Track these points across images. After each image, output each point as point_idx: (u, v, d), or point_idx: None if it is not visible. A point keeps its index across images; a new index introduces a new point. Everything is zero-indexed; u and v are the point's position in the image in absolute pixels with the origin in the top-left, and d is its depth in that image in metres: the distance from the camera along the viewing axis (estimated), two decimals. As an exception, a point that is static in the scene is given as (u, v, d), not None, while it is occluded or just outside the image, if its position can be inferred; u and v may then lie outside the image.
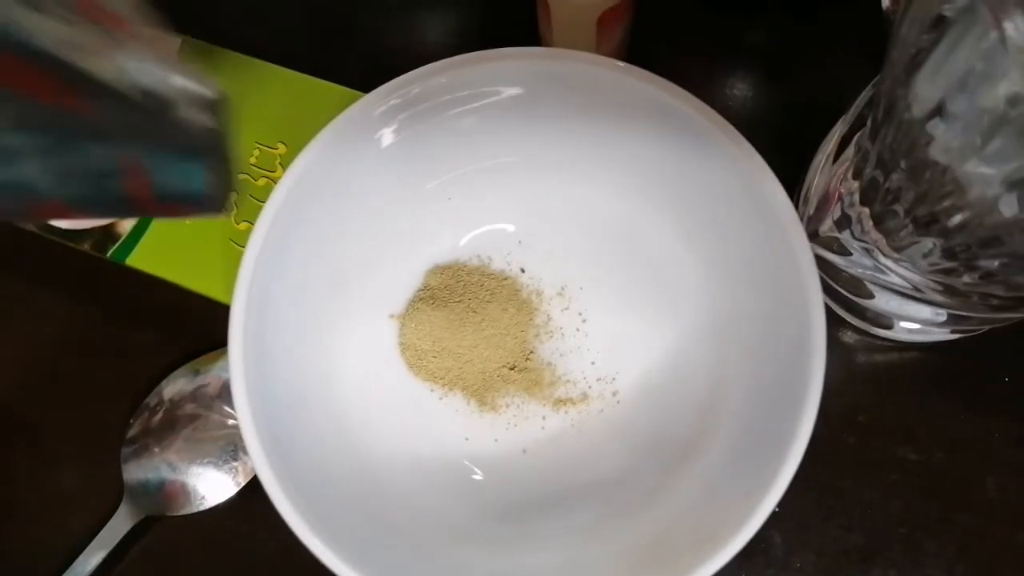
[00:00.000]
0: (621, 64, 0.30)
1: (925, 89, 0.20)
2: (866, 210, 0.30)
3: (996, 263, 0.24)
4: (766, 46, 0.41)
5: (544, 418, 0.34)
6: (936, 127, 0.20)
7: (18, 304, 0.39)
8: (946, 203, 0.23)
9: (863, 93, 0.32)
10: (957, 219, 0.23)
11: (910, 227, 0.26)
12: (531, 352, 0.35)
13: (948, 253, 0.26)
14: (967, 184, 0.21)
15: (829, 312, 0.36)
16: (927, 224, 0.25)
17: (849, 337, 0.37)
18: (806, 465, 0.34)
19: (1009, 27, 0.16)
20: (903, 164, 0.24)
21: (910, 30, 0.21)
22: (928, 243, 0.27)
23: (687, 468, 0.31)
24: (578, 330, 0.35)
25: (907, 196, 0.25)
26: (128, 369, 0.37)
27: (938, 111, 0.20)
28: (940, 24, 0.19)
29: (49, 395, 0.38)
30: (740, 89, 0.40)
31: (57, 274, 0.38)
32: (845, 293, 0.35)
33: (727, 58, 0.40)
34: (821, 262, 0.35)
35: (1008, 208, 0.20)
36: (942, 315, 0.33)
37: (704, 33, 0.41)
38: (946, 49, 0.19)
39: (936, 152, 0.21)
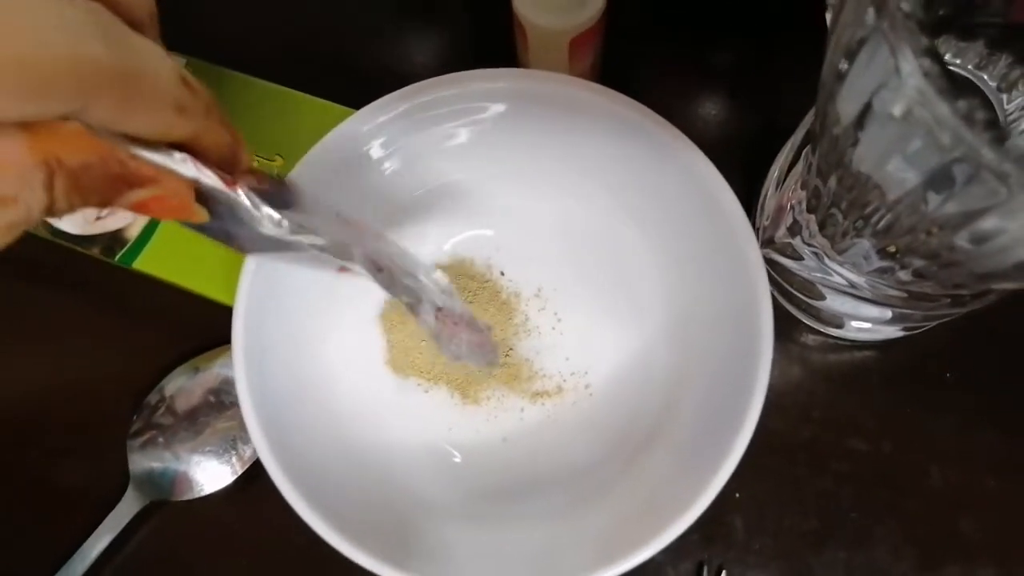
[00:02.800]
0: (590, 84, 0.33)
1: (846, 103, 0.23)
2: (812, 217, 0.33)
3: (921, 262, 0.27)
4: (729, 70, 0.43)
5: (522, 409, 0.37)
6: (856, 136, 0.23)
7: (30, 306, 0.41)
8: (872, 206, 0.26)
9: (810, 112, 0.35)
10: (883, 221, 0.26)
11: (848, 230, 0.29)
12: (510, 349, 0.37)
13: (882, 253, 0.29)
14: (886, 188, 0.24)
15: (785, 314, 0.39)
16: (860, 227, 0.28)
17: (804, 337, 0.39)
18: (765, 456, 0.37)
19: (901, 58, 0.19)
20: (835, 173, 0.27)
21: (835, 53, 0.24)
22: (864, 244, 0.30)
23: (651, 453, 0.33)
24: (554, 328, 0.38)
25: (841, 202, 0.28)
26: (133, 366, 0.39)
27: (859, 122, 0.23)
28: (859, 47, 0.22)
29: (58, 391, 0.40)
30: (704, 108, 0.43)
31: (67, 277, 0.41)
32: (799, 295, 0.38)
33: (693, 80, 0.43)
34: (777, 267, 0.38)
35: (932, 203, 0.23)
36: (888, 313, 0.36)
37: (672, 57, 0.43)
38: (860, 67, 0.22)
39: (858, 160, 0.24)
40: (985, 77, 0.32)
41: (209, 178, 0.21)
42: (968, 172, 0.20)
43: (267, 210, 0.23)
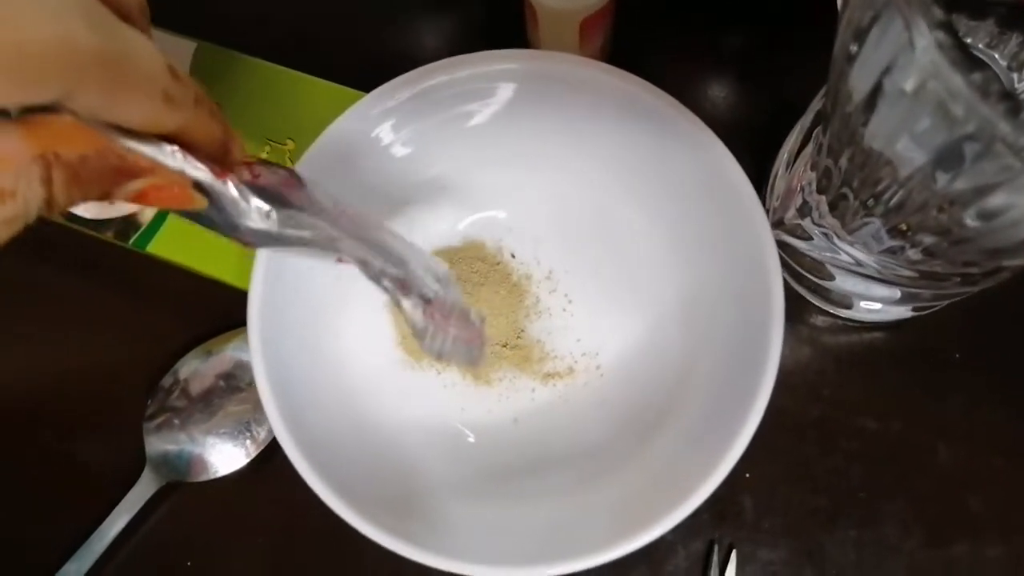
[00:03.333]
0: (602, 64, 0.33)
1: (858, 81, 0.23)
2: (822, 197, 0.33)
3: (931, 239, 0.27)
4: (739, 53, 0.43)
5: (534, 390, 0.37)
6: (868, 115, 0.23)
7: (46, 290, 0.41)
8: (884, 184, 0.26)
9: (819, 94, 0.35)
10: (895, 198, 0.26)
11: (859, 210, 0.30)
12: (522, 331, 0.38)
13: (892, 232, 0.29)
14: (899, 164, 0.24)
15: (795, 295, 0.39)
16: (871, 205, 0.28)
17: (814, 318, 0.40)
18: (774, 435, 0.38)
19: (915, 31, 0.20)
20: (847, 152, 0.27)
21: (846, 32, 0.24)
22: (875, 223, 0.30)
23: (661, 432, 0.34)
24: (564, 310, 0.38)
25: (853, 181, 0.28)
26: (147, 349, 0.40)
27: (870, 100, 0.23)
28: (871, 25, 0.22)
29: (74, 374, 0.40)
30: (714, 91, 0.43)
31: (82, 261, 0.41)
32: (809, 276, 0.38)
33: (705, 62, 0.43)
34: (786, 248, 0.38)
35: (941, 181, 0.23)
36: (897, 293, 0.36)
37: (682, 40, 0.43)
38: (872, 46, 0.22)
39: (870, 137, 0.24)
40: (996, 56, 0.32)
41: (197, 170, 0.21)
42: (979, 148, 0.20)
43: (256, 202, 0.23)
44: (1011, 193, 0.21)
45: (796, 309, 0.39)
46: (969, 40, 0.32)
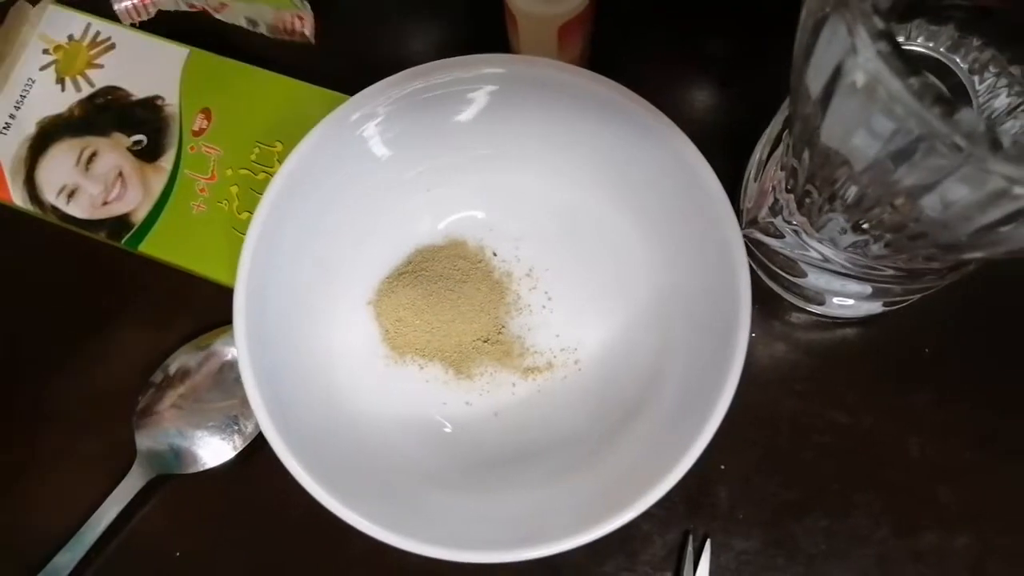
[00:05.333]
0: (576, 68, 0.35)
1: (813, 80, 0.24)
2: (791, 196, 0.34)
3: (890, 234, 0.28)
4: (718, 57, 0.44)
5: (514, 384, 0.38)
6: (823, 113, 0.25)
7: (40, 289, 0.42)
8: (840, 181, 0.27)
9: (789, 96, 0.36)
10: (852, 195, 0.27)
11: (823, 206, 0.31)
12: (503, 327, 0.39)
13: (855, 228, 0.30)
14: (854, 161, 0.25)
15: (770, 292, 0.40)
16: (832, 201, 0.29)
17: (788, 315, 0.41)
18: (749, 428, 0.39)
19: (857, 39, 0.21)
20: (808, 151, 0.28)
21: (803, 29, 0.25)
22: (839, 220, 0.31)
23: (635, 423, 0.35)
24: (544, 307, 0.39)
25: (816, 179, 0.29)
26: (139, 346, 0.41)
27: (824, 99, 0.24)
28: (821, 26, 0.23)
29: (66, 371, 0.41)
30: (693, 94, 0.44)
31: (76, 261, 0.42)
32: (782, 273, 0.39)
33: (684, 67, 0.44)
34: (760, 246, 0.39)
35: (892, 178, 0.24)
36: (868, 289, 0.37)
37: (663, 44, 0.44)
38: (823, 47, 0.23)
39: (827, 136, 0.26)
40: (957, 60, 0.33)
41: None
42: (921, 146, 0.21)
43: None
44: (953, 188, 0.22)
45: (770, 306, 0.40)
46: (931, 44, 0.33)
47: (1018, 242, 0.24)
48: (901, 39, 0.33)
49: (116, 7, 0.42)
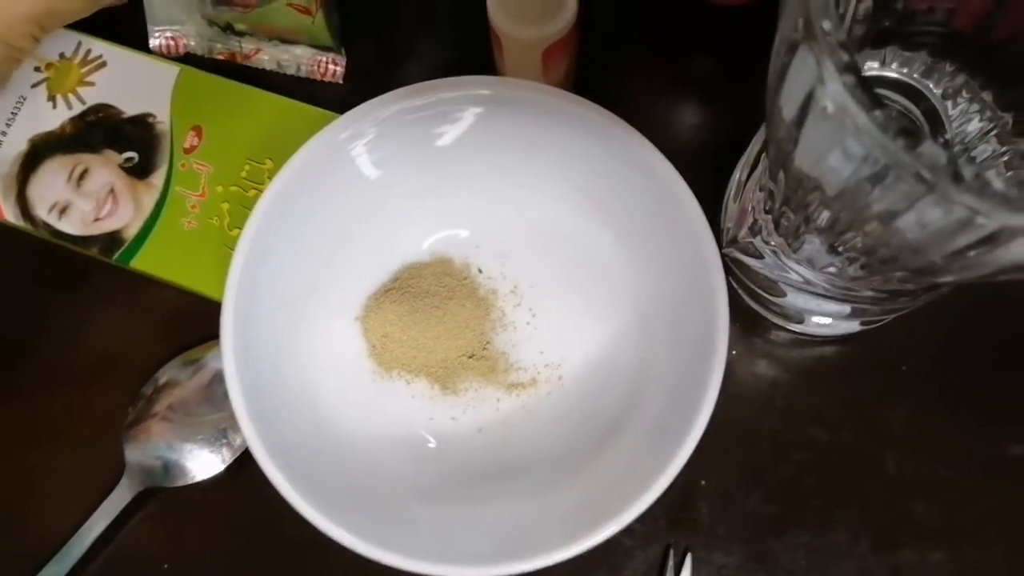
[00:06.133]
0: (560, 91, 0.35)
1: (786, 103, 0.25)
2: (769, 217, 0.35)
3: (863, 258, 0.29)
4: (702, 78, 0.45)
5: (499, 400, 0.39)
6: (796, 138, 0.25)
7: (32, 304, 0.43)
8: (813, 205, 0.28)
9: (768, 118, 0.37)
10: (824, 218, 0.28)
11: (798, 228, 0.31)
12: (488, 343, 0.39)
13: (831, 250, 0.31)
14: (825, 186, 0.26)
15: (750, 311, 0.41)
16: (806, 223, 0.30)
17: (768, 333, 0.41)
18: (730, 445, 0.39)
19: (824, 71, 0.21)
20: (782, 174, 0.29)
21: (777, 53, 0.25)
22: (815, 242, 0.32)
23: (617, 438, 0.36)
24: (528, 323, 0.40)
25: (790, 201, 0.30)
26: (129, 359, 0.41)
27: (797, 124, 0.25)
28: (792, 54, 0.24)
29: (56, 384, 0.42)
30: (677, 114, 0.44)
31: (68, 277, 0.42)
32: (762, 293, 0.40)
33: (666, 86, 0.45)
34: (741, 266, 0.40)
35: (861, 203, 0.25)
36: (846, 308, 0.38)
37: (647, 65, 0.45)
38: (794, 73, 0.24)
39: (800, 160, 0.26)
40: (931, 85, 0.34)
41: None
42: (890, 174, 0.22)
43: None
44: (920, 215, 0.23)
45: (751, 324, 0.41)
46: (905, 70, 0.34)
47: (988, 267, 0.25)
48: (876, 64, 0.34)
49: (151, 42, 0.44)
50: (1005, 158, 0.32)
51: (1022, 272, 0.24)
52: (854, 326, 0.39)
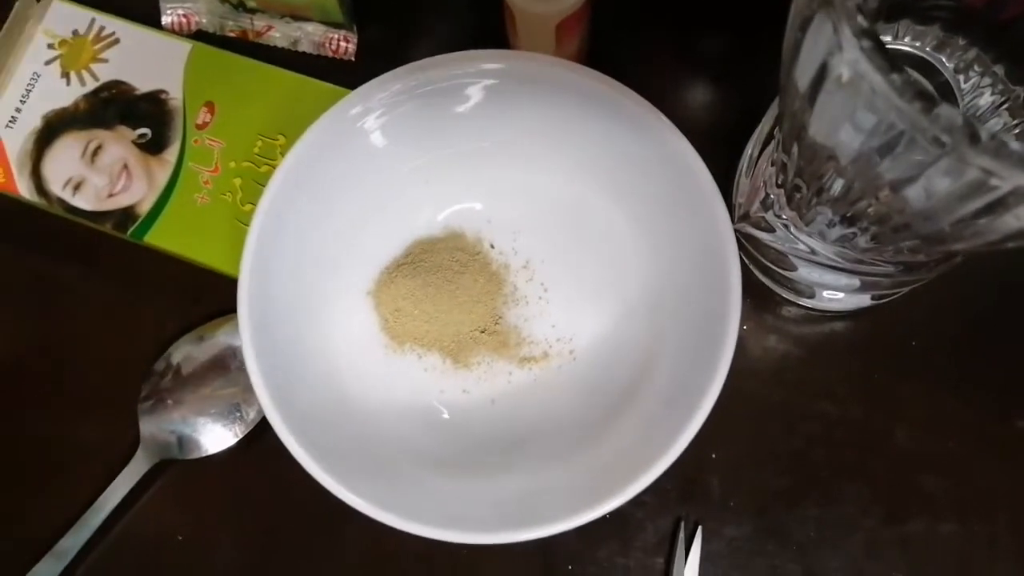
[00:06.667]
0: (574, 64, 0.36)
1: (801, 76, 0.25)
2: (781, 191, 0.35)
3: (875, 227, 0.29)
4: (713, 55, 0.45)
5: (511, 373, 0.39)
6: (811, 108, 0.25)
7: (48, 279, 0.43)
8: (828, 176, 0.28)
9: (780, 91, 0.37)
10: (838, 187, 0.28)
11: (811, 200, 0.32)
12: (500, 317, 0.40)
13: (843, 221, 0.31)
14: (840, 155, 0.26)
15: (761, 286, 0.41)
16: (819, 195, 0.30)
17: (779, 308, 0.41)
18: (740, 418, 0.40)
19: (842, 36, 0.22)
20: (796, 146, 0.29)
21: (792, 25, 0.26)
22: (827, 213, 0.32)
23: (627, 412, 0.36)
24: (540, 298, 0.40)
25: (804, 173, 0.30)
26: (143, 334, 0.41)
27: (812, 94, 0.25)
28: (808, 23, 0.24)
29: (72, 359, 0.42)
30: (690, 91, 0.44)
31: (82, 252, 0.43)
32: (774, 267, 0.40)
33: (681, 64, 0.45)
34: (752, 240, 0.40)
35: (876, 171, 0.25)
36: (857, 282, 0.38)
37: (660, 42, 0.45)
38: (810, 42, 0.24)
39: (814, 131, 0.26)
40: (943, 59, 0.34)
41: None
42: (903, 139, 0.22)
43: None
44: (933, 180, 0.23)
45: (762, 299, 0.41)
46: (918, 44, 0.34)
47: (996, 233, 0.25)
48: (888, 38, 0.34)
49: (163, 19, 0.44)
50: (1016, 131, 0.32)
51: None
52: (865, 300, 0.40)
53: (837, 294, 0.39)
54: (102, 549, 0.39)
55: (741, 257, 0.40)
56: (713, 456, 0.39)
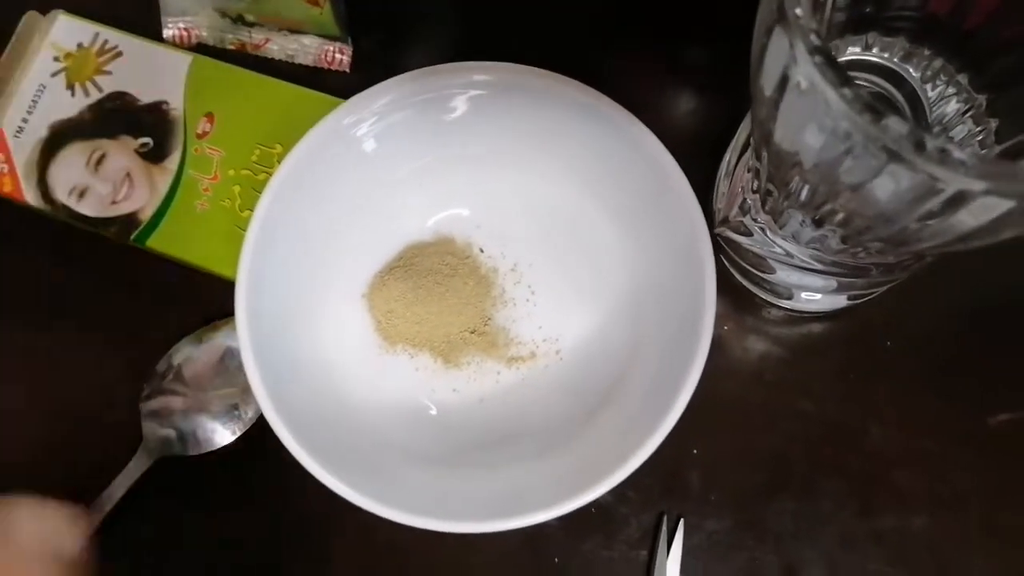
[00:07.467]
0: (559, 76, 0.37)
1: (765, 83, 0.27)
2: (756, 196, 0.36)
3: (841, 230, 0.31)
4: (696, 65, 0.47)
5: (499, 373, 0.40)
6: (775, 115, 0.27)
7: (53, 283, 0.45)
8: (793, 181, 0.30)
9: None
10: (804, 192, 0.30)
11: (781, 204, 0.33)
12: (489, 319, 0.41)
13: (813, 223, 0.33)
14: (803, 161, 0.28)
15: (742, 288, 0.43)
16: (788, 199, 0.31)
17: (759, 309, 0.43)
18: (721, 416, 0.41)
19: (797, 51, 0.23)
20: (765, 152, 0.31)
21: (758, 32, 0.27)
22: (797, 217, 0.33)
23: (610, 407, 0.37)
24: (528, 300, 0.41)
25: (774, 179, 0.32)
26: (145, 336, 0.43)
27: (775, 101, 0.27)
28: (769, 34, 0.26)
29: (75, 359, 0.44)
30: (671, 98, 0.46)
31: (87, 256, 0.44)
32: (753, 270, 0.41)
33: (661, 72, 0.46)
34: (732, 244, 0.41)
35: (834, 176, 0.27)
36: (833, 283, 0.39)
37: (645, 52, 0.46)
38: (771, 54, 0.25)
39: (779, 138, 0.28)
40: (910, 69, 0.35)
41: None
42: (858, 146, 0.24)
43: None
44: (886, 184, 0.24)
45: (742, 301, 0.43)
46: (886, 55, 0.35)
47: (951, 233, 0.26)
48: (858, 49, 0.35)
49: (165, 33, 0.46)
50: (979, 137, 0.34)
51: (981, 238, 0.26)
52: (841, 301, 0.41)
53: (814, 295, 0.41)
54: (106, 541, 0.40)
55: (723, 261, 0.42)
56: (695, 452, 0.41)
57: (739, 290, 0.43)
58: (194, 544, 0.41)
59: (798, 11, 0.23)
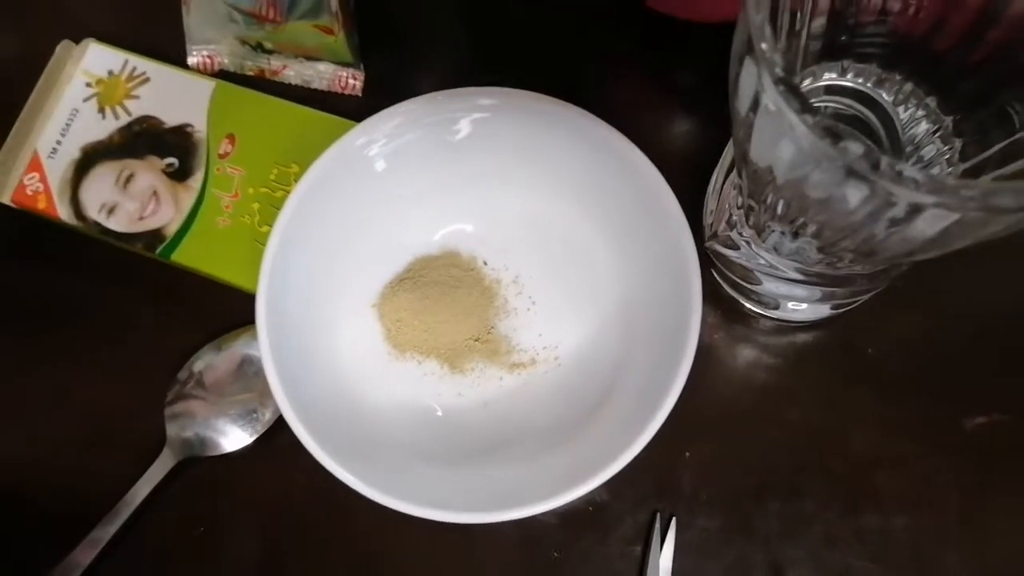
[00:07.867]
0: (555, 100, 0.40)
1: (741, 104, 0.29)
2: (741, 212, 0.39)
3: (816, 241, 0.33)
4: (688, 87, 0.49)
5: (501, 378, 0.43)
6: (749, 134, 0.29)
7: (82, 296, 0.47)
8: (769, 197, 0.32)
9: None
10: (779, 207, 0.32)
11: (762, 218, 0.36)
12: (492, 328, 0.44)
13: (791, 235, 0.35)
14: (776, 173, 0.30)
15: (730, 299, 0.45)
16: (766, 212, 0.34)
17: (747, 319, 0.45)
18: (711, 421, 0.43)
19: (764, 80, 0.26)
20: (745, 170, 0.33)
21: (732, 63, 0.30)
22: (776, 230, 0.36)
23: (604, 409, 0.40)
24: (528, 310, 0.44)
25: (754, 195, 0.34)
26: (169, 344, 0.45)
27: (748, 121, 0.29)
28: (742, 60, 0.28)
29: (103, 367, 0.46)
30: (661, 124, 0.48)
31: (114, 269, 0.47)
32: (741, 282, 0.44)
33: (651, 99, 0.49)
34: (721, 257, 0.44)
35: (813, 190, 0.29)
36: (817, 293, 0.42)
37: (639, 75, 0.49)
38: (744, 78, 0.28)
39: (755, 156, 0.30)
40: (883, 93, 0.38)
41: None
42: (820, 165, 0.26)
43: None
44: (848, 197, 0.27)
45: (731, 312, 0.45)
46: (860, 80, 0.38)
47: (913, 242, 0.28)
48: (834, 75, 0.38)
49: (189, 60, 0.49)
50: (947, 156, 0.36)
51: (939, 247, 0.28)
52: (824, 310, 0.43)
53: (800, 305, 0.43)
54: (131, 539, 0.43)
55: (713, 273, 0.44)
56: (687, 455, 0.43)
57: (728, 301, 0.45)
58: (213, 540, 0.43)
59: (763, 46, 0.25)
